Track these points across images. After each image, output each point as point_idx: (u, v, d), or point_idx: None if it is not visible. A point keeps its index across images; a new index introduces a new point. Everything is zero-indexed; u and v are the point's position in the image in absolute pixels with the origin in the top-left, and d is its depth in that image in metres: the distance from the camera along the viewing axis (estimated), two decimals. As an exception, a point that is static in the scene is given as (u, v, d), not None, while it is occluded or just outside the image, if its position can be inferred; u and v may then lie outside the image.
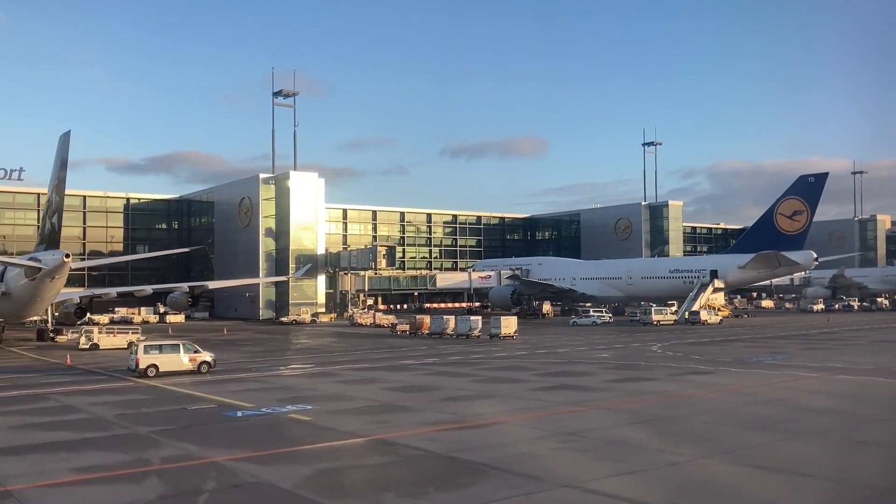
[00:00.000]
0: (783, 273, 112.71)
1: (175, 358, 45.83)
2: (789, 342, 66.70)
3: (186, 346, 46.80)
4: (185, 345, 47.07)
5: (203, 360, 46.29)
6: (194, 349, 46.86)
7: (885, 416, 28.51)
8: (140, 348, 45.59)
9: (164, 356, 45.70)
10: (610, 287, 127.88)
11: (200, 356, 46.41)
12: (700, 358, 52.65)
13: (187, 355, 46.19)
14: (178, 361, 45.77)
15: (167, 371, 44.84)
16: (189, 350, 46.57)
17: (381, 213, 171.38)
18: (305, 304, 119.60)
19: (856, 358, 51.15)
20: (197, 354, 46.45)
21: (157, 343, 47.93)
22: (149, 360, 44.85)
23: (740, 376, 41.95)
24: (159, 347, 46.55)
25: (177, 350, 46.31)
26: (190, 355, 46.26)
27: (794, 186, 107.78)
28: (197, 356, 46.34)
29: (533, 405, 32.49)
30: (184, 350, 46.41)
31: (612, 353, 58.25)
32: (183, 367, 45.66)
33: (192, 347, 46.94)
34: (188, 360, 46.05)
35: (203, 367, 46.06)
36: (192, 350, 46.69)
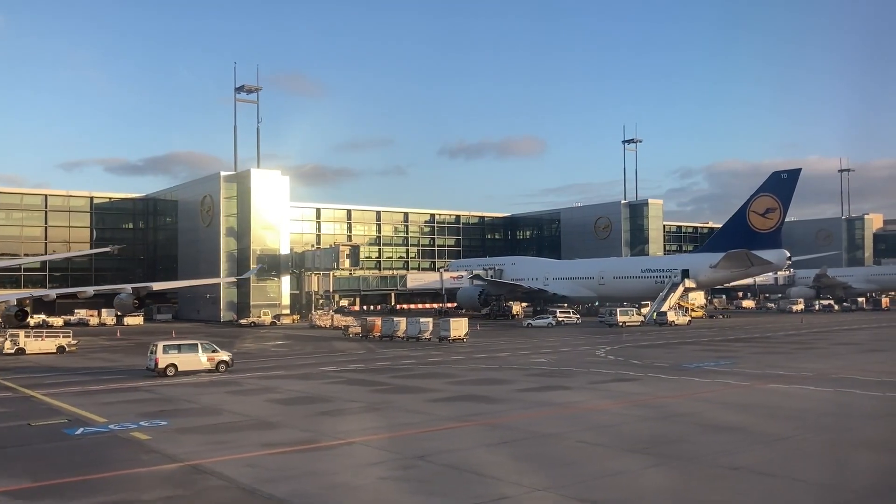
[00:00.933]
0: (756, 272, 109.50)
1: (193, 357, 46.44)
2: (746, 345, 63.52)
3: (204, 346, 47.49)
4: (203, 344, 47.76)
5: (221, 360, 46.97)
6: (212, 348, 47.63)
7: (785, 433, 25.27)
8: (159, 348, 45.74)
9: (183, 356, 46.20)
10: (582, 287, 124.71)
11: (218, 355, 47.09)
12: (638, 363, 49.45)
13: (205, 354, 46.77)
14: (197, 361, 46.40)
15: (186, 370, 45.30)
16: (207, 349, 47.19)
17: (356, 213, 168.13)
18: (268, 306, 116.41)
19: (803, 363, 47.95)
20: (215, 354, 47.09)
21: (176, 343, 48.23)
22: (168, 360, 45.25)
23: (665, 385, 38.76)
24: (178, 347, 46.98)
25: (195, 350, 46.88)
26: (208, 354, 46.84)
27: (767, 183, 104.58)
28: (215, 355, 46.97)
29: (414, 420, 29.27)
30: (202, 349, 46.97)
31: (553, 357, 55.05)
32: (201, 366, 46.26)
33: (209, 347, 47.70)
34: (206, 359, 46.62)
35: (221, 365, 46.73)
36: (210, 349, 47.36)
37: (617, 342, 68.00)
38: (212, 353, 47.05)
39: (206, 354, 46.84)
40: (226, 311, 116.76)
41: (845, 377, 40.20)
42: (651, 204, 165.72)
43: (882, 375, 40.49)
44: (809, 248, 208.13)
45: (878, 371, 42.58)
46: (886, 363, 47.46)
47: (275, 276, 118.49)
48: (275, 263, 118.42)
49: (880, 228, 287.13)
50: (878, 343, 63.48)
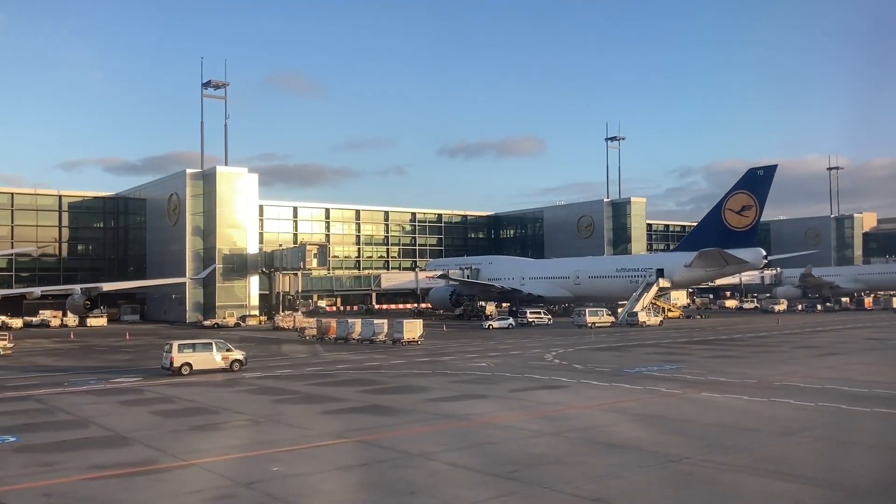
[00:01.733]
0: (731, 272, 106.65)
1: (208, 356, 46.85)
2: (705, 348, 60.71)
3: (219, 345, 48.11)
4: (217, 343, 48.52)
5: (235, 359, 47.36)
6: (226, 347, 48.20)
7: (681, 453, 22.43)
8: (174, 347, 46.05)
9: (198, 354, 46.66)
10: (558, 287, 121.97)
11: (232, 354, 47.53)
12: (580, 368, 46.74)
13: (220, 353, 47.17)
14: (211, 360, 46.81)
15: (200, 369, 45.76)
16: (221, 348, 47.66)
17: (335, 211, 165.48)
18: (235, 307, 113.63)
19: (751, 369, 45.24)
20: (229, 353, 47.51)
21: (191, 342, 48.58)
22: (183, 359, 45.66)
23: (589, 392, 36.05)
24: (192, 346, 47.36)
25: (210, 349, 47.40)
26: (222, 353, 47.21)
27: (743, 180, 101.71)
28: (229, 354, 47.39)
29: (286, 436, 26.47)
30: (216, 348, 47.50)
31: (498, 361, 52.27)
32: (216, 364, 46.65)
33: (224, 346, 48.34)
34: (220, 358, 46.96)
35: (235, 364, 47.10)
36: (225, 348, 47.85)
37: (575, 344, 65.25)
38: (226, 352, 47.40)
39: (221, 353, 47.23)
40: (192, 312, 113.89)
41: (788, 384, 37.51)
42: (634, 202, 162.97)
43: (825, 382, 37.74)
44: (798, 246, 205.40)
45: (824, 377, 39.82)
46: (836, 368, 44.70)
47: (241, 277, 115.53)
48: (241, 263, 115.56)
49: (874, 227, 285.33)
50: (841, 346, 60.65)
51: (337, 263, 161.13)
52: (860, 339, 66.17)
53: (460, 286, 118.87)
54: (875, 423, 27.23)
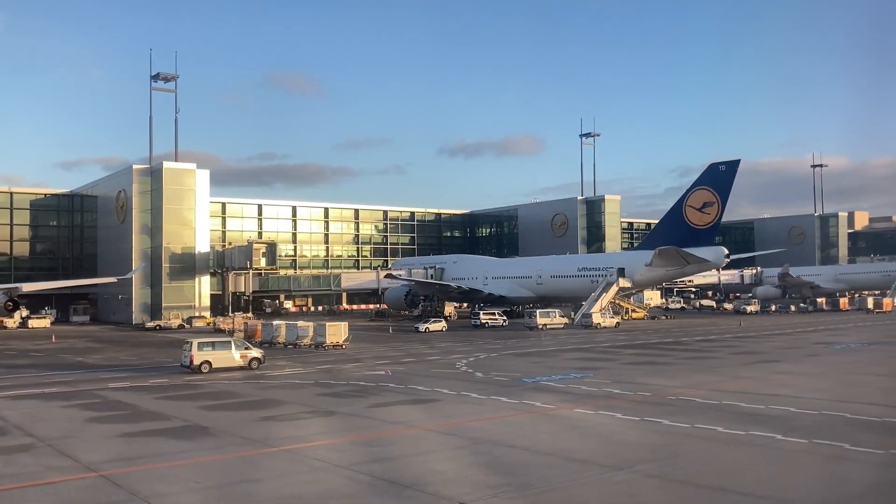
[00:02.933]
0: (692, 271, 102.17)
1: (227, 354, 47.41)
2: (637, 353, 56.40)
3: (237, 343, 49.17)
4: (236, 342, 49.82)
5: (253, 357, 47.98)
6: (244, 346, 49.20)
7: (473, 494, 18.31)
8: (194, 345, 46.70)
9: (217, 353, 47.21)
10: (520, 287, 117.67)
11: (250, 353, 48.14)
12: (480, 377, 42.53)
13: (238, 352, 47.76)
14: (230, 358, 47.29)
15: (220, 367, 46.24)
16: (240, 347, 48.51)
17: (303, 209, 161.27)
18: (183, 308, 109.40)
19: (664, 379, 41.02)
20: (247, 351, 48.16)
21: (210, 340, 49.56)
22: (202, 357, 46.27)
23: (453, 409, 31.88)
24: (212, 344, 48.14)
25: (228, 347, 48.17)
26: (241, 352, 47.77)
27: (705, 176, 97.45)
28: (247, 353, 47.97)
29: (33, 469, 22.29)
30: (235, 347, 48.26)
31: (401, 369, 48.09)
32: (234, 363, 47.20)
33: (242, 344, 49.46)
34: (239, 356, 47.44)
35: (253, 363, 47.67)
36: (243, 347, 48.72)
37: (505, 349, 61.02)
38: (244, 351, 48.00)
39: (240, 351, 47.82)
40: (138, 313, 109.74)
41: (684, 399, 33.31)
42: (608, 200, 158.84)
43: (727, 397, 33.50)
44: (782, 245, 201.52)
45: (731, 390, 35.60)
46: (755, 379, 40.44)
47: (190, 277, 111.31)
48: (190, 262, 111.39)
49: (866, 226, 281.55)
50: (784, 352, 56.26)
51: (304, 263, 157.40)
52: (809, 344, 61.83)
53: (416, 286, 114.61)
54: (733, 455, 22.97)
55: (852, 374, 41.86)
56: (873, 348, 57.30)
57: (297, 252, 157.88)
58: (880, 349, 56.61)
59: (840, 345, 60.12)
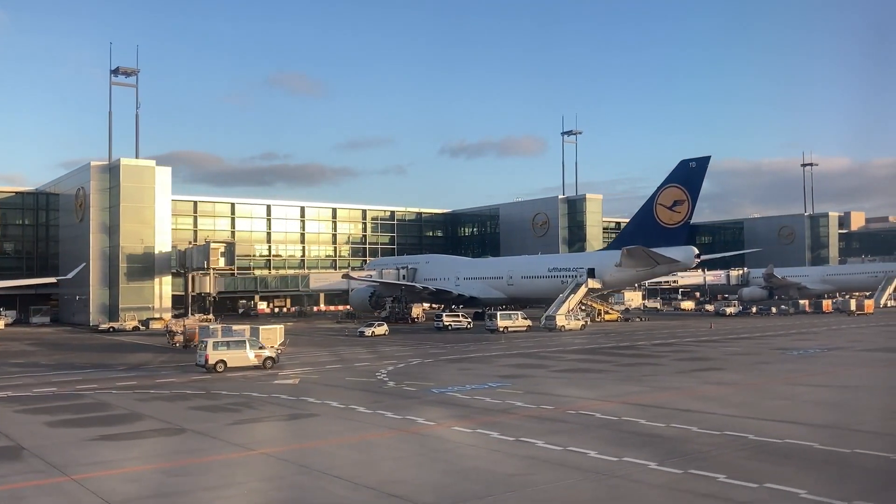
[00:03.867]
0: (662, 271, 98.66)
1: (242, 354, 47.54)
2: (579, 359, 52.95)
3: (252, 342, 49.01)
4: (250, 341, 49.41)
5: (267, 356, 48.20)
6: (259, 345, 48.90)
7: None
8: (209, 345, 46.81)
9: (232, 352, 47.35)
10: (491, 288, 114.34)
11: (265, 352, 48.32)
12: (390, 387, 39.22)
13: (253, 351, 47.84)
14: (245, 357, 47.50)
15: (235, 366, 46.55)
16: (254, 346, 48.48)
17: (278, 208, 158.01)
18: (143, 309, 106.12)
19: (584, 389, 37.78)
20: (262, 350, 48.26)
21: (225, 339, 49.50)
22: (218, 356, 46.48)
23: (318, 427, 28.71)
24: (227, 344, 48.20)
25: (243, 346, 48.12)
26: (255, 351, 47.90)
27: (675, 173, 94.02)
28: (262, 352, 48.12)
29: None
30: (249, 346, 48.22)
31: (318, 376, 44.85)
32: (249, 362, 47.46)
33: (257, 343, 49.12)
34: (254, 355, 47.63)
35: (267, 362, 47.94)
36: (258, 346, 48.64)
37: (440, 354, 57.66)
38: (258, 350, 48.06)
39: (254, 351, 47.87)
40: (95, 314, 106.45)
41: (585, 414, 29.99)
42: (589, 199, 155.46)
43: (633, 412, 30.13)
44: (772, 245, 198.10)
45: (642, 403, 32.26)
46: (683, 390, 37.03)
47: (149, 277, 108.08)
48: (149, 262, 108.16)
49: (862, 227, 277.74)
50: (735, 358, 52.73)
51: (279, 263, 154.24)
52: (767, 350, 58.32)
53: (381, 287, 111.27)
54: (581, 488, 19.59)
55: (788, 385, 38.43)
56: (831, 354, 53.82)
57: (272, 252, 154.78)
58: (837, 355, 53.13)
59: (799, 350, 56.63)
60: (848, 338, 69.12)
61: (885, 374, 42.72)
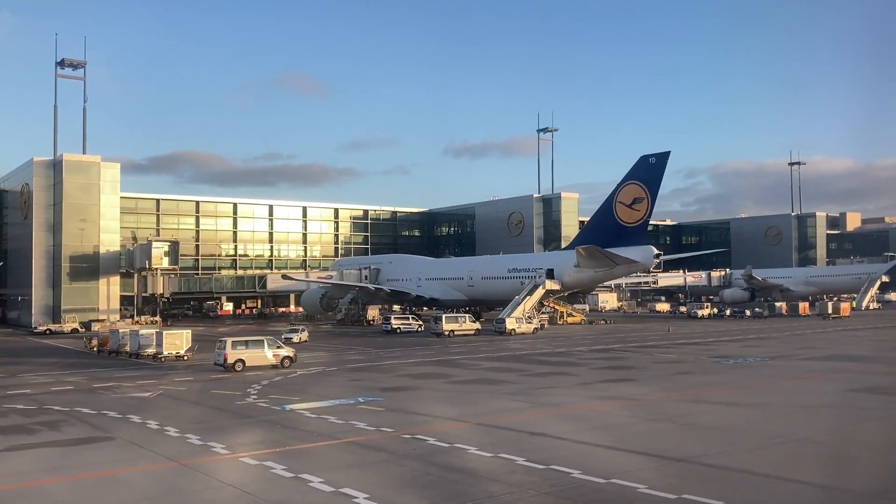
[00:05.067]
0: (621, 272, 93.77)
1: (260, 353, 47.70)
2: (490, 368, 48.47)
3: (270, 342, 48.89)
4: (268, 340, 49.25)
5: (285, 356, 48.52)
6: (277, 344, 49.23)
7: None
8: (228, 344, 46.74)
9: (250, 351, 47.46)
10: (452, 289, 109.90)
11: (283, 352, 48.72)
12: (247, 403, 34.94)
13: (271, 350, 48.00)
14: (263, 356, 47.70)
15: (253, 366, 46.68)
16: (272, 345, 48.53)
17: (244, 207, 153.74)
18: (88, 310, 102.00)
19: (451, 408, 33.38)
20: (279, 350, 48.60)
21: (244, 339, 49.46)
22: (236, 356, 46.61)
23: (81, 454, 24.32)
24: (245, 343, 48.20)
25: (261, 346, 48.11)
26: (273, 351, 48.09)
27: (635, 169, 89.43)
28: (280, 352, 48.48)
29: None
30: (268, 345, 48.21)
31: (184, 388, 40.63)
32: (267, 361, 47.60)
33: (274, 343, 49.34)
34: (272, 355, 47.88)
35: (285, 361, 48.21)
36: (276, 345, 48.89)
37: (350, 362, 53.29)
38: (276, 350, 48.20)
39: (272, 350, 48.00)
40: (38, 316, 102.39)
41: (418, 438, 25.72)
42: (564, 198, 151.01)
43: (475, 437, 25.77)
44: (758, 246, 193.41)
45: (498, 426, 27.89)
46: (558, 408, 32.57)
47: (93, 277, 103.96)
48: (94, 262, 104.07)
49: (857, 227, 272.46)
50: (653, 368, 47.92)
51: (246, 263, 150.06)
52: (703, 358, 53.69)
53: (332, 289, 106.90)
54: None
55: (689, 403, 33.88)
56: (770, 364, 49.25)
57: (239, 252, 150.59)
58: (774, 366, 48.55)
59: (738, 359, 52.08)
60: (803, 344, 64.50)
61: (809, 389, 38.12)
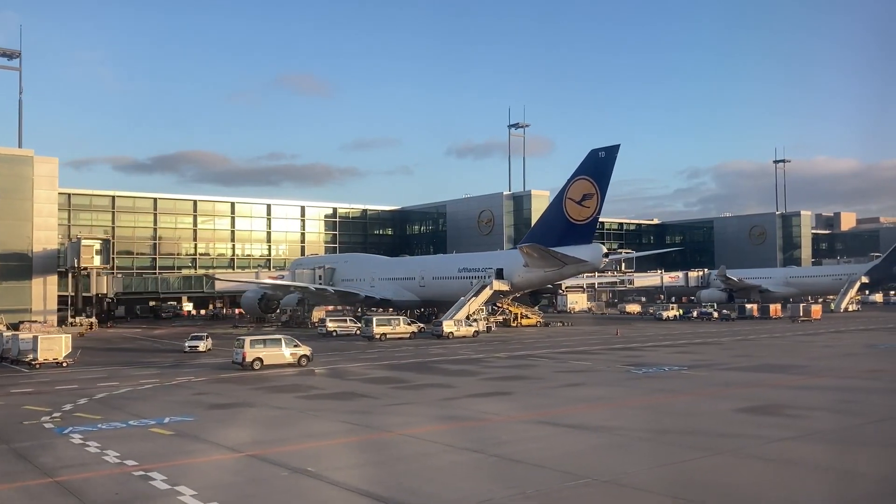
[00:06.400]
0: (571, 272, 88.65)
1: (278, 352, 48.00)
2: (378, 378, 43.65)
3: (287, 340, 49.36)
4: (286, 339, 49.74)
5: (303, 354, 48.73)
6: (294, 343, 49.31)
7: None
8: (247, 343, 46.91)
9: (268, 350, 47.69)
10: (405, 289, 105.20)
11: (300, 350, 48.86)
12: (31, 424, 30.19)
13: (288, 349, 48.33)
14: (281, 355, 47.94)
15: (271, 364, 46.88)
16: (290, 344, 48.83)
17: (204, 204, 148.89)
18: (18, 311, 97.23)
19: (269, 432, 28.70)
20: (297, 349, 48.78)
21: (262, 338, 49.82)
22: (254, 354, 46.78)
23: None
24: (263, 342, 48.47)
25: (279, 344, 48.62)
26: (291, 349, 48.38)
27: (585, 163, 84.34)
28: (297, 350, 48.67)
29: None
30: (285, 344, 48.65)
31: (2, 402, 35.89)
32: (285, 360, 47.90)
33: (292, 341, 49.52)
34: (289, 354, 48.17)
35: (302, 360, 48.49)
36: (293, 344, 49.04)
37: (229, 370, 48.55)
38: (294, 349, 48.43)
39: (290, 349, 48.25)
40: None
41: (178, 466, 20.82)
42: (535, 195, 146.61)
43: (204, 474, 21.00)
44: (743, 245, 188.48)
45: (266, 458, 23.11)
46: (370, 432, 27.79)
47: (24, 277, 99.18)
48: (26, 261, 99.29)
49: (852, 227, 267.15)
50: (536, 382, 42.86)
51: (207, 262, 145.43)
52: (616, 367, 48.62)
53: (271, 289, 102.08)
54: None
55: (526, 425, 28.74)
56: (685, 375, 44.17)
57: (199, 251, 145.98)
58: (687, 377, 43.32)
59: (654, 368, 47.16)
60: (743, 351, 59.41)
61: (690, 409, 32.22)
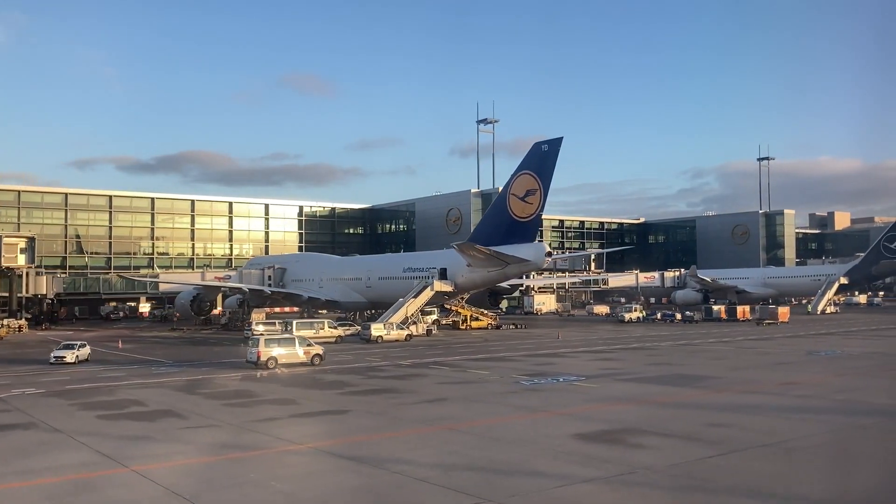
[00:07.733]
0: (514, 272, 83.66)
1: (292, 351, 48.21)
2: (279, 391, 39.21)
3: (301, 340, 49.96)
4: (299, 338, 50.38)
5: (316, 353, 48.98)
6: (307, 342, 49.84)
7: None
8: (261, 342, 47.40)
9: (283, 349, 47.90)
10: (352, 290, 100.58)
11: (313, 349, 49.18)
12: None
13: (302, 348, 48.57)
14: (295, 354, 48.13)
15: (285, 363, 47.19)
16: (303, 343, 49.22)
17: (163, 201, 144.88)
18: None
19: (72, 456, 24.06)
20: (310, 348, 49.13)
21: (276, 337, 50.51)
22: (269, 353, 47.07)
23: None
24: (278, 341, 48.83)
25: (293, 343, 48.90)
26: (304, 348, 48.67)
27: (528, 158, 79.88)
28: (310, 349, 48.98)
29: None
30: (299, 343, 48.95)
31: None
32: (299, 359, 48.06)
33: (305, 341, 50.05)
34: (303, 352, 48.35)
35: (315, 359, 48.66)
36: (306, 343, 49.52)
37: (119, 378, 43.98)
38: (307, 348, 48.78)
39: (303, 348, 48.52)
40: None
41: None
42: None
43: None
44: (725, 245, 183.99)
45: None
46: (88, 471, 23.24)
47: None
48: None
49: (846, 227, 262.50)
50: (397, 396, 38.45)
51: (165, 262, 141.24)
52: (507, 378, 43.68)
53: (205, 291, 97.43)
54: None
55: (310, 457, 24.30)
56: (573, 387, 39.44)
57: (157, 250, 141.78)
58: (573, 389, 38.68)
59: (550, 379, 42.49)
60: (666, 359, 54.18)
61: (521, 433, 26.93)
